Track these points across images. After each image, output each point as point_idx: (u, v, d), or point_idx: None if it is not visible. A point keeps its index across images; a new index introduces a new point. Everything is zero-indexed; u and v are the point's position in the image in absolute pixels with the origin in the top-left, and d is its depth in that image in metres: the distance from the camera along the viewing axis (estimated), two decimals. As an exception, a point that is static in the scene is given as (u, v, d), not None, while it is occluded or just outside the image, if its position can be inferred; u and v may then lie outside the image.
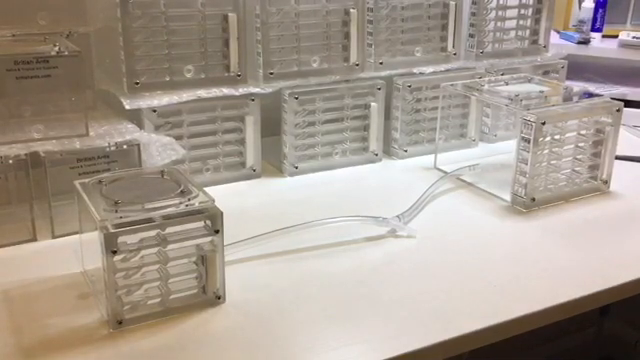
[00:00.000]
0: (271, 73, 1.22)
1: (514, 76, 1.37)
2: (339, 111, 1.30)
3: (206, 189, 0.84)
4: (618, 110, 1.19)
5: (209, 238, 0.81)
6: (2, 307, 0.83)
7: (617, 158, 1.22)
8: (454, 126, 1.42)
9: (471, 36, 1.42)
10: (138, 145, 1.04)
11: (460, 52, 1.41)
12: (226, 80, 1.18)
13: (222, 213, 0.80)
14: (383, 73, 1.32)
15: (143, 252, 0.79)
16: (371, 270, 0.94)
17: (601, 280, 0.91)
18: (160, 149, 1.07)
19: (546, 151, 1.14)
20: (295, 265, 0.94)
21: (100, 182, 0.86)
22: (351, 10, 1.25)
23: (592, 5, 2.40)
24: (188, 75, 1.15)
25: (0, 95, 1.01)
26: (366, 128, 1.33)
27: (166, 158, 1.07)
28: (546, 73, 1.50)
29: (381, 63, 1.31)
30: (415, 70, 1.35)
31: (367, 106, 1.31)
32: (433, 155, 1.34)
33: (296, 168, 1.27)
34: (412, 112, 1.37)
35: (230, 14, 1.15)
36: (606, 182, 1.21)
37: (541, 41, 1.50)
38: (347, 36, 1.27)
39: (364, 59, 1.30)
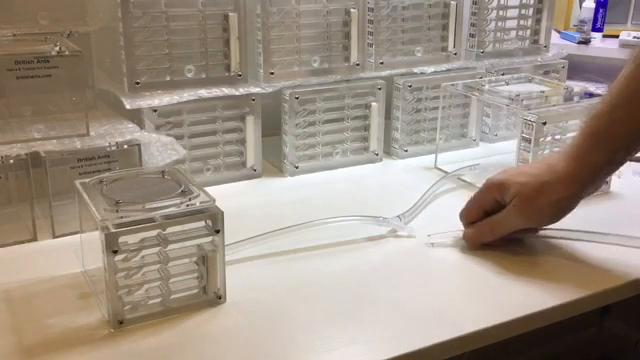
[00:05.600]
0: (272, 73, 1.22)
1: (515, 76, 1.37)
2: (340, 111, 1.30)
3: (207, 189, 0.84)
4: (619, 110, 1.18)
5: (210, 238, 0.81)
6: (2, 307, 0.83)
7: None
8: (455, 126, 1.42)
9: (472, 36, 1.42)
10: (139, 145, 1.04)
11: (461, 52, 1.41)
12: (227, 80, 1.18)
13: (223, 213, 0.80)
14: (384, 73, 1.32)
15: (144, 252, 0.79)
16: (371, 270, 0.94)
17: (601, 280, 0.91)
18: (161, 149, 1.07)
19: (547, 151, 1.14)
20: (296, 265, 0.94)
21: (101, 182, 0.86)
22: (352, 10, 1.25)
23: (593, 5, 2.40)
24: (189, 75, 1.15)
25: (0, 95, 1.01)
26: (367, 128, 1.33)
27: (167, 158, 1.07)
28: (547, 73, 1.50)
29: (382, 63, 1.31)
30: (416, 70, 1.35)
31: (368, 106, 1.31)
32: (434, 155, 1.34)
33: (296, 168, 1.27)
34: (413, 112, 1.37)
35: (231, 14, 1.15)
36: (606, 182, 1.21)
37: (542, 41, 1.50)
38: (348, 36, 1.27)
39: (365, 59, 1.30)
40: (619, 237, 1.00)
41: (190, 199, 0.81)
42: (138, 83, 1.11)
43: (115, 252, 0.76)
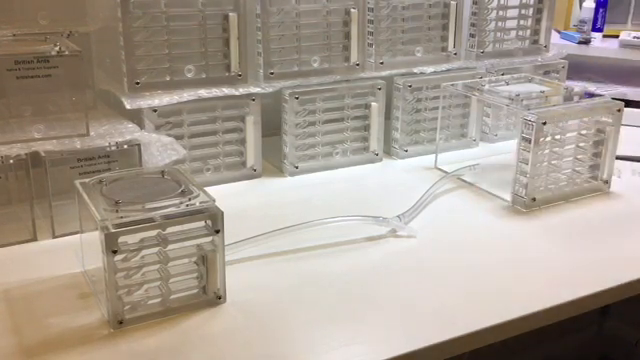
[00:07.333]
0: (272, 73, 1.22)
1: (515, 76, 1.37)
2: (339, 111, 1.30)
3: (207, 189, 0.84)
4: (619, 110, 1.19)
5: (210, 238, 0.81)
6: (2, 307, 0.83)
7: (618, 158, 1.22)
8: (455, 126, 1.42)
9: (472, 36, 1.42)
10: (139, 145, 1.04)
11: (461, 52, 1.41)
12: (227, 80, 1.18)
13: (222, 213, 0.80)
14: (384, 73, 1.32)
15: (144, 252, 0.79)
16: (371, 270, 0.94)
17: (601, 280, 0.91)
18: (161, 149, 1.07)
19: (547, 151, 1.14)
20: (295, 265, 0.94)
21: (100, 182, 0.86)
22: (352, 10, 1.25)
23: (593, 5, 2.40)
24: (189, 75, 1.15)
25: (0, 95, 1.01)
26: (366, 128, 1.33)
27: (167, 158, 1.07)
28: (547, 73, 1.50)
29: (382, 63, 1.31)
30: (416, 70, 1.35)
31: (368, 106, 1.31)
32: (434, 155, 1.34)
33: (296, 168, 1.27)
34: (412, 112, 1.37)
35: (231, 14, 1.15)
36: (607, 182, 1.21)
37: (542, 41, 1.50)
38: (348, 36, 1.27)
39: (365, 59, 1.30)
40: None
41: (190, 199, 0.81)
42: (138, 83, 1.11)
43: (115, 252, 0.76)
